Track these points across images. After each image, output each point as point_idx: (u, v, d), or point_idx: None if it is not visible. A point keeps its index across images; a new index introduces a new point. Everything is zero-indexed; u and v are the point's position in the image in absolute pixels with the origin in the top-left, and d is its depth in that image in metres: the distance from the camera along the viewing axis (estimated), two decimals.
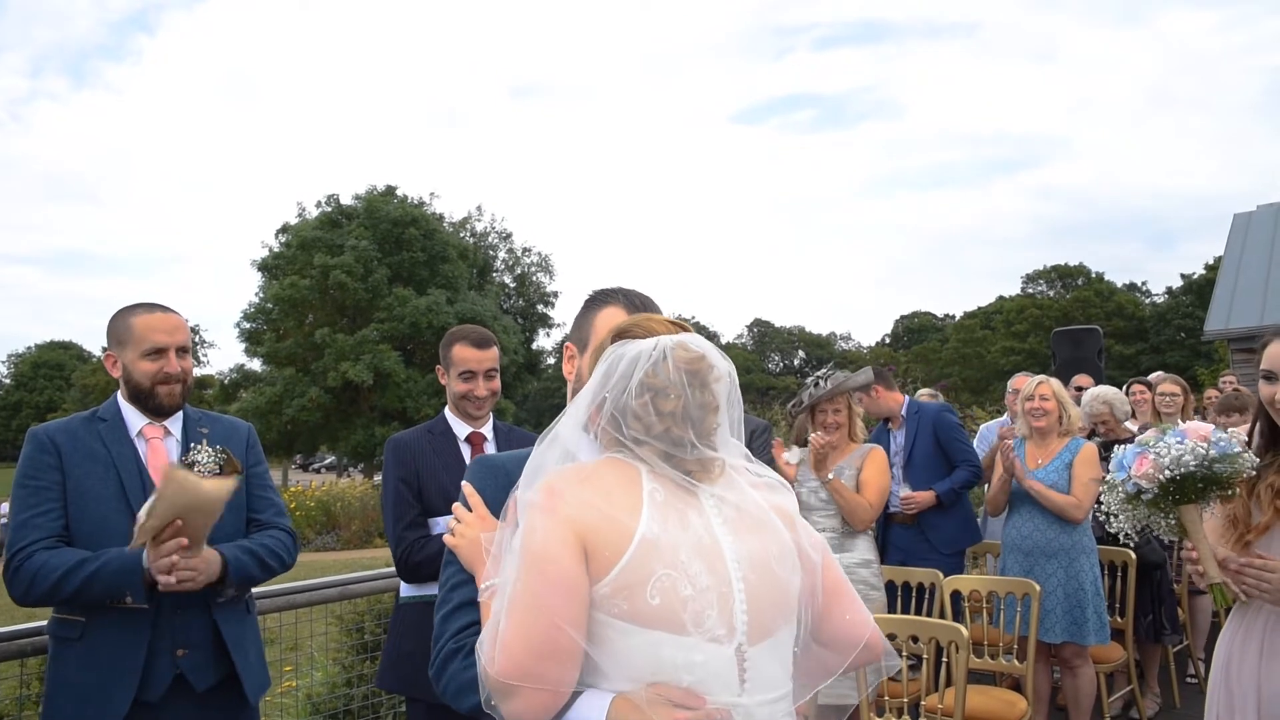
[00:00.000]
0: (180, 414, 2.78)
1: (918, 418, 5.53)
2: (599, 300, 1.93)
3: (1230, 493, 2.40)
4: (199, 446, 2.72)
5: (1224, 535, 2.44)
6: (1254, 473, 2.39)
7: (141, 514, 2.33)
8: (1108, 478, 2.58)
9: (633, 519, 1.46)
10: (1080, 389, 6.69)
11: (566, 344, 1.94)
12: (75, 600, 2.49)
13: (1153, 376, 7.39)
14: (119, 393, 2.74)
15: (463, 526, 1.74)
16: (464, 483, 1.79)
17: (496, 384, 3.34)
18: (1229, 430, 2.57)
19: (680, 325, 1.64)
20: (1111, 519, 2.58)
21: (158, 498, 2.31)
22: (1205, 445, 2.37)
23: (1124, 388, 6.80)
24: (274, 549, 2.76)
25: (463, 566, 1.73)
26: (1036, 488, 4.61)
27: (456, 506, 1.78)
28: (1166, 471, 2.39)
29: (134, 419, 2.70)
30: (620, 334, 1.64)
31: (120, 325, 2.69)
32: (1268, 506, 2.34)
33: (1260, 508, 2.37)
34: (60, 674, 2.54)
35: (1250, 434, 2.48)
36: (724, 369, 1.58)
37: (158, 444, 2.72)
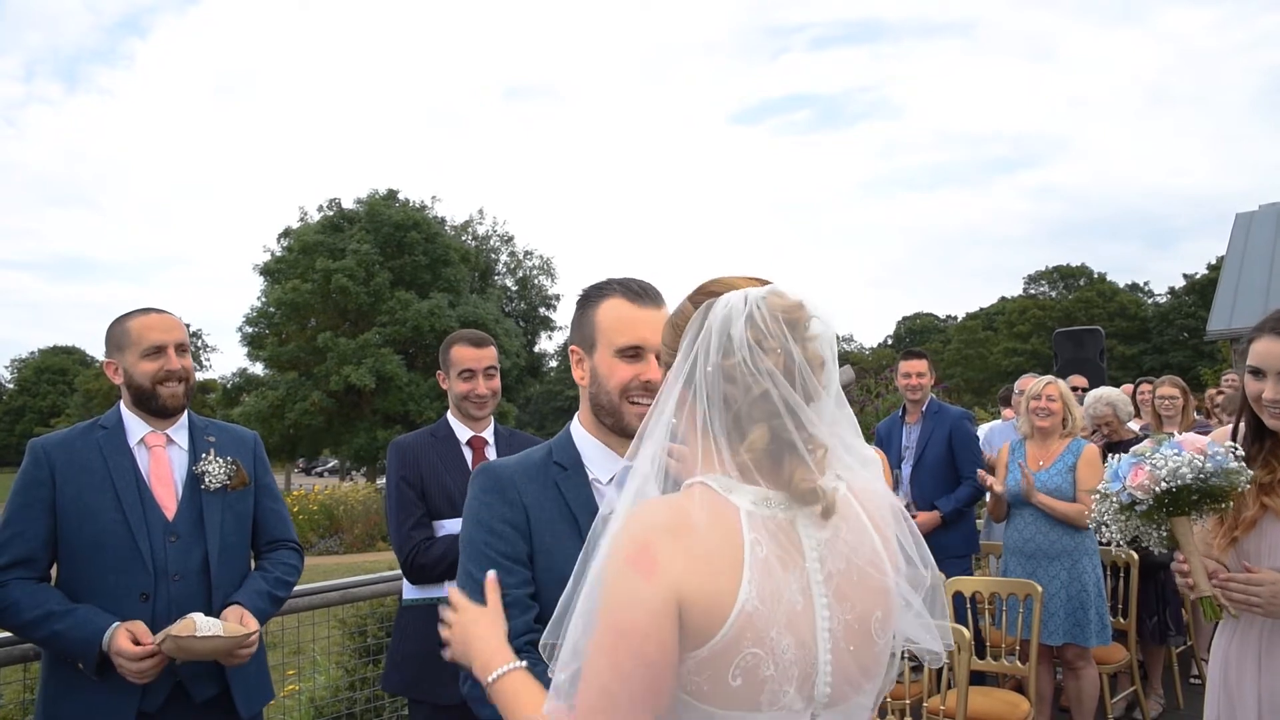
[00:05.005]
0: (185, 422, 2.76)
1: (936, 418, 5.42)
2: (595, 295, 1.84)
3: (1224, 506, 2.39)
4: (208, 456, 2.71)
5: (1213, 530, 2.45)
6: (1249, 486, 2.37)
7: (168, 633, 2.42)
8: (1101, 487, 2.57)
9: (733, 586, 1.25)
10: (1076, 389, 6.67)
11: (571, 347, 1.85)
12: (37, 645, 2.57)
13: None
14: (121, 401, 2.72)
15: (459, 615, 1.58)
16: (490, 575, 1.61)
17: (496, 383, 3.35)
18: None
19: (761, 280, 1.43)
20: (1102, 528, 2.58)
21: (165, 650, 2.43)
22: (1202, 459, 2.35)
23: (1125, 387, 6.78)
24: (284, 578, 2.82)
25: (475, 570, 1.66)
26: (1046, 502, 4.61)
27: (453, 593, 1.63)
28: (1163, 484, 2.37)
29: (136, 427, 2.68)
30: (698, 293, 1.42)
31: (118, 331, 2.69)
32: (1253, 501, 2.35)
33: (1246, 502, 2.37)
34: (60, 684, 2.53)
35: (1234, 429, 2.48)
36: (826, 317, 1.38)
37: (161, 453, 2.69)
